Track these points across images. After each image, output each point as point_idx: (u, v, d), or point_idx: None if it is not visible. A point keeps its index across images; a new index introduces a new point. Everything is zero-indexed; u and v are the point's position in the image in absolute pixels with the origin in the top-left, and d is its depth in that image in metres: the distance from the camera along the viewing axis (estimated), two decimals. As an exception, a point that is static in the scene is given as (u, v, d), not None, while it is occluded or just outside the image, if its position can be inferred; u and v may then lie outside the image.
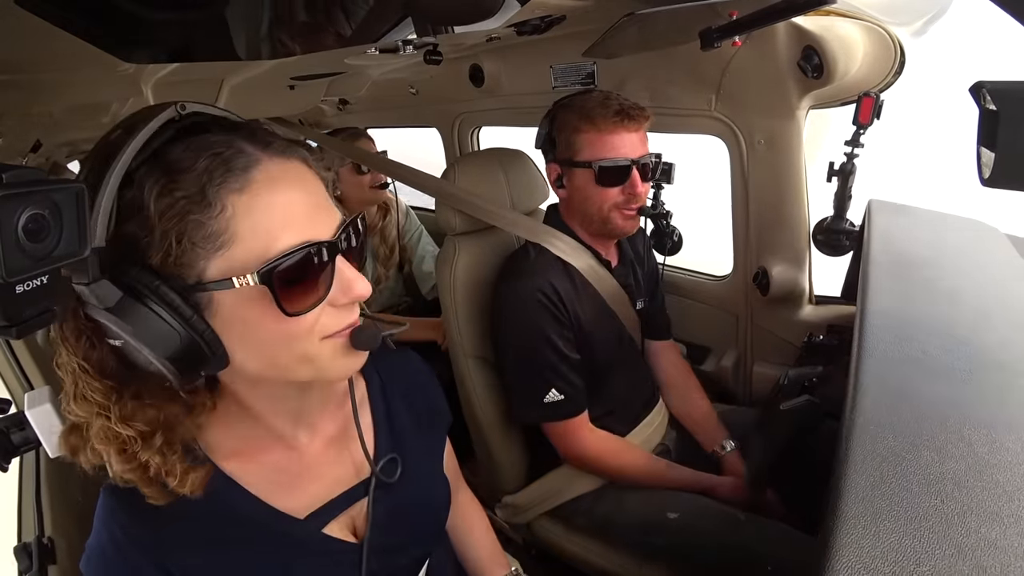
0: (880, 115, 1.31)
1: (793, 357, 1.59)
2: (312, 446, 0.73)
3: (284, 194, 0.55)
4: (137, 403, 0.57)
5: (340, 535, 0.73)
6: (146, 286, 0.51)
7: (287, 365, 0.59)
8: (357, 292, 0.58)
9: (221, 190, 0.52)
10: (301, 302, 0.55)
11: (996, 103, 0.57)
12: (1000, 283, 1.08)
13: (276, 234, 0.53)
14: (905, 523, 0.49)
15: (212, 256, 0.52)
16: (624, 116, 1.25)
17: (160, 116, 0.53)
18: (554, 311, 1.28)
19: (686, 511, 1.29)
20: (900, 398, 0.67)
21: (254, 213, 0.53)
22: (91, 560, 0.63)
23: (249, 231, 0.53)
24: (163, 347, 0.52)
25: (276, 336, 0.56)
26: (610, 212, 1.31)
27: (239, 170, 0.53)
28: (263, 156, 0.55)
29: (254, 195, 0.53)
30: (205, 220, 0.51)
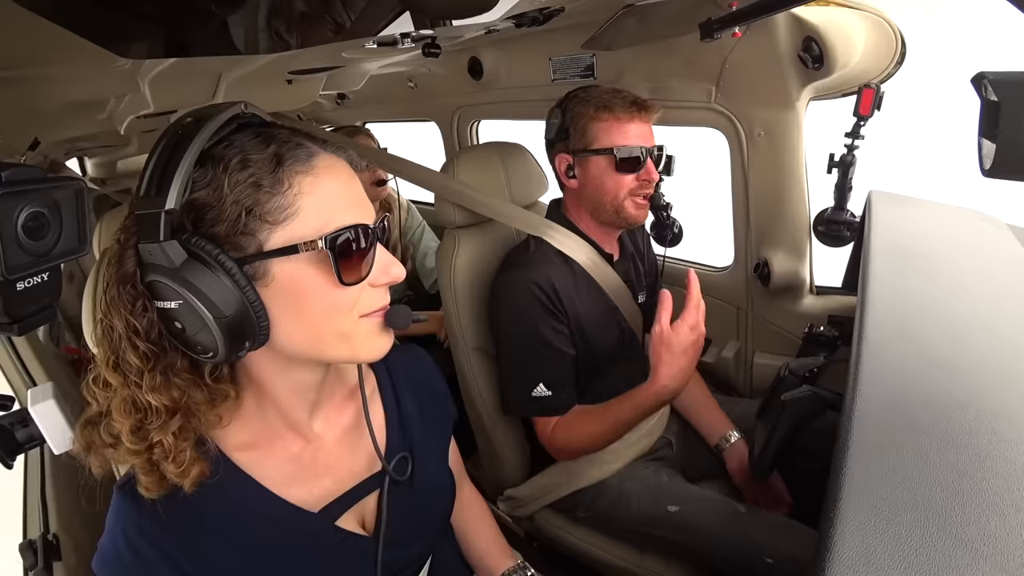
0: (881, 106, 1.31)
1: (794, 348, 1.60)
2: (327, 437, 0.74)
3: (340, 181, 0.62)
4: (165, 378, 0.60)
5: (351, 527, 0.74)
6: (207, 252, 0.56)
7: (327, 340, 0.63)
8: (394, 274, 0.65)
9: (289, 170, 0.58)
10: (352, 274, 0.60)
11: (997, 93, 0.57)
12: (1002, 273, 1.08)
13: (335, 212, 0.60)
14: (905, 514, 0.49)
15: (277, 227, 0.58)
16: (638, 107, 1.30)
17: (231, 109, 0.60)
18: (548, 305, 1.28)
19: (687, 504, 1.30)
20: (901, 389, 0.67)
21: (316, 192, 0.59)
22: (104, 559, 0.64)
23: (313, 207, 0.59)
24: (219, 311, 0.55)
25: (323, 308, 0.61)
26: (624, 200, 1.33)
27: (304, 156, 0.60)
28: (321, 150, 0.62)
29: (317, 177, 0.60)
30: (275, 194, 0.57)
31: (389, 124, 3.16)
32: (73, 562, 1.28)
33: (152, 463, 0.61)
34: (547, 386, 1.29)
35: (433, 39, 1.48)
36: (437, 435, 0.88)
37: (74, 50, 0.85)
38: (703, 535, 1.24)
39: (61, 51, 0.87)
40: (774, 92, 1.39)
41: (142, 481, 0.62)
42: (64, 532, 1.33)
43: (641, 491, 1.36)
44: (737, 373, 1.81)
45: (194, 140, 0.56)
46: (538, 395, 1.29)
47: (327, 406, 0.75)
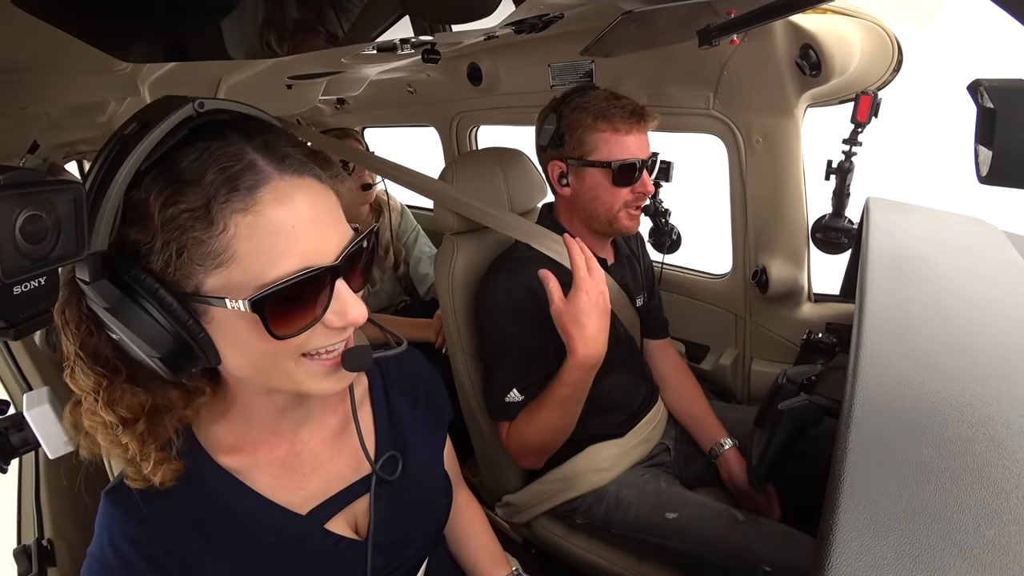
0: (878, 113, 1.31)
1: (792, 355, 1.60)
2: (313, 441, 0.73)
3: (289, 215, 0.53)
4: (128, 387, 0.59)
5: (342, 531, 0.73)
6: (145, 289, 0.52)
7: (273, 377, 0.60)
8: (351, 317, 0.58)
9: (225, 209, 0.51)
10: (292, 325, 0.55)
11: (994, 101, 0.57)
12: (998, 280, 1.08)
13: (275, 259, 0.53)
14: (904, 521, 0.49)
15: (211, 272, 0.53)
16: (638, 117, 1.28)
17: (175, 115, 0.52)
18: (528, 310, 1.28)
19: (685, 511, 1.29)
20: (898, 396, 0.67)
21: (256, 236, 0.52)
22: (92, 567, 0.63)
23: (249, 253, 0.52)
24: (156, 346, 0.53)
25: (263, 352, 0.57)
26: (618, 212, 1.32)
27: (245, 189, 0.52)
28: (274, 173, 0.54)
29: (258, 215, 0.52)
30: (206, 238, 0.51)
31: (388, 129, 3.17)
32: (68, 568, 1.27)
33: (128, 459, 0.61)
34: (520, 391, 1.29)
35: (432, 45, 1.48)
36: (431, 437, 0.88)
37: (74, 54, 0.85)
38: (701, 542, 1.24)
39: (61, 55, 0.87)
40: (772, 99, 1.40)
41: (127, 472, 0.62)
42: (59, 537, 1.32)
43: (639, 498, 1.36)
44: (735, 380, 1.81)
45: (126, 162, 0.50)
46: (511, 400, 1.29)
47: (314, 411, 0.74)
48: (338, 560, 0.72)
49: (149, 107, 0.53)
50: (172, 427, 0.62)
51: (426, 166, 1.61)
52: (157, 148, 0.51)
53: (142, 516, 0.63)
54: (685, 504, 1.32)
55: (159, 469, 0.60)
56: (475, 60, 2.01)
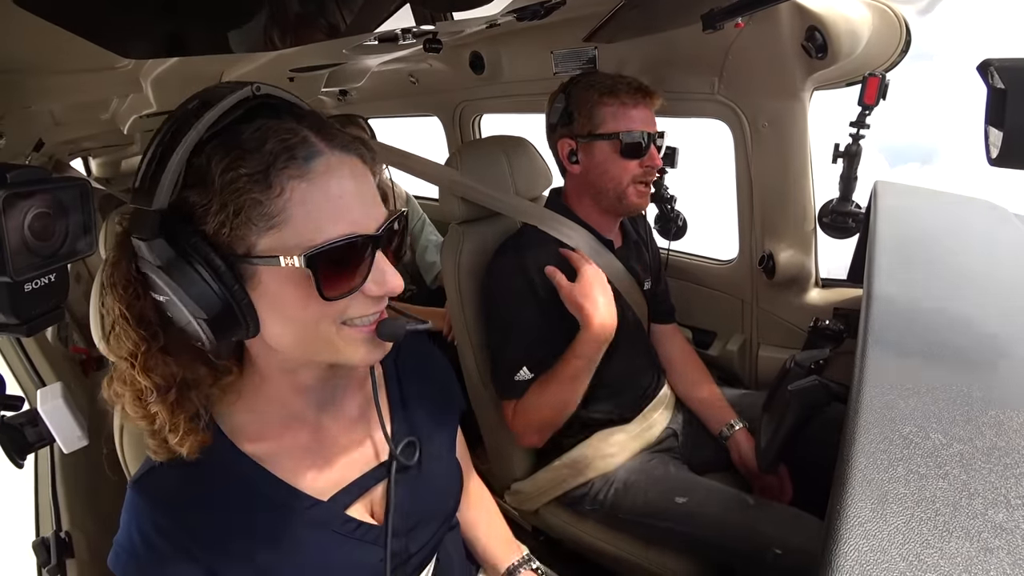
0: (886, 95, 1.30)
1: (799, 341, 1.59)
2: (335, 427, 0.75)
3: (338, 186, 0.58)
4: (163, 356, 0.61)
5: (361, 517, 0.75)
6: (197, 251, 0.55)
7: (313, 345, 0.62)
8: (390, 286, 0.62)
9: (282, 174, 0.55)
10: (337, 288, 0.58)
11: (1004, 81, 0.56)
12: (1008, 263, 1.07)
13: (325, 223, 0.57)
14: (912, 506, 0.49)
15: (264, 233, 0.56)
16: (643, 92, 1.31)
17: (237, 94, 0.56)
18: (536, 290, 1.29)
19: (694, 496, 1.30)
20: (907, 381, 0.67)
21: (309, 200, 0.56)
22: (119, 556, 0.65)
23: (302, 216, 0.56)
24: (203, 308, 0.55)
25: (307, 316, 0.59)
26: (627, 187, 1.33)
27: (301, 159, 0.56)
28: (325, 148, 0.58)
29: (311, 183, 0.56)
30: (264, 199, 0.55)
31: (392, 119, 3.16)
32: (86, 559, 1.29)
33: (154, 430, 0.63)
34: (530, 368, 1.30)
35: (434, 34, 1.47)
36: (444, 424, 0.89)
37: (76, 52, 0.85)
38: (711, 527, 1.24)
39: (63, 53, 0.87)
40: (778, 82, 1.38)
41: (149, 444, 0.64)
42: (76, 530, 1.34)
43: (648, 483, 1.37)
44: (742, 366, 1.81)
45: (190, 131, 0.53)
46: (520, 378, 1.30)
47: (337, 396, 0.75)
48: (359, 545, 0.73)
49: (208, 89, 0.57)
50: (200, 402, 0.64)
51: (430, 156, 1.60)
52: (217, 123, 0.55)
53: (168, 505, 0.64)
54: (694, 488, 1.32)
55: (187, 440, 0.62)
56: (477, 48, 2.00)
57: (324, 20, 0.88)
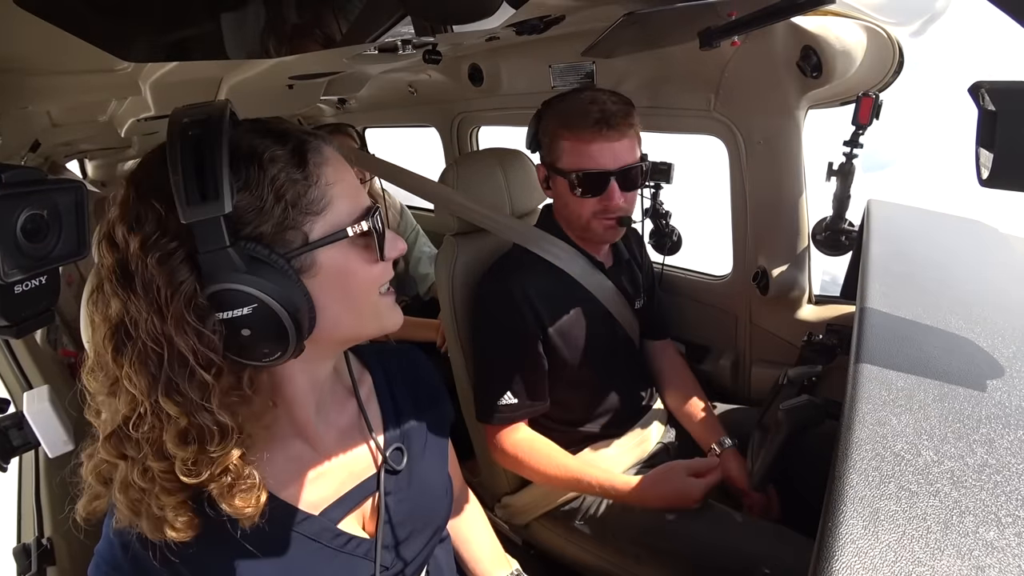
0: (879, 115, 1.31)
1: (793, 357, 1.60)
2: (326, 439, 0.74)
3: (343, 167, 0.65)
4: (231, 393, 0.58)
5: (352, 530, 0.74)
6: (260, 253, 0.55)
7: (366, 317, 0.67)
8: (400, 247, 0.69)
9: (313, 162, 0.61)
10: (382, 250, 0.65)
11: (995, 103, 0.57)
12: (998, 282, 1.08)
13: (358, 195, 0.65)
14: (904, 523, 0.49)
15: (317, 218, 0.60)
16: (604, 125, 1.21)
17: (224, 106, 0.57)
18: (526, 313, 1.28)
19: (684, 513, 1.29)
20: (898, 397, 0.67)
21: (339, 181, 0.63)
22: (100, 566, 0.64)
23: (340, 194, 0.62)
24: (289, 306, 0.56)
25: (364, 285, 0.65)
26: (589, 221, 1.30)
27: (316, 148, 0.62)
28: (320, 141, 0.64)
29: (333, 166, 0.63)
30: (307, 188, 0.60)
31: (389, 129, 3.17)
32: (67, 566, 1.27)
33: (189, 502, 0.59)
34: (514, 394, 1.30)
35: (434, 45, 1.48)
36: (435, 435, 0.88)
37: (75, 53, 0.85)
38: (701, 544, 1.24)
39: (62, 54, 0.87)
40: (773, 100, 1.40)
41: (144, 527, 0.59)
42: (58, 536, 1.32)
43: (639, 499, 1.36)
44: (736, 381, 1.81)
45: (220, 139, 0.52)
46: (505, 403, 1.30)
47: (329, 404, 0.75)
48: (349, 559, 0.72)
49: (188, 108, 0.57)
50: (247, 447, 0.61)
51: (426, 167, 1.61)
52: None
53: None
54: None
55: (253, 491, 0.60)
56: (476, 61, 2.01)
57: (319, 31, 0.89)
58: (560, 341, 1.33)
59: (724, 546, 1.21)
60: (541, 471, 1.32)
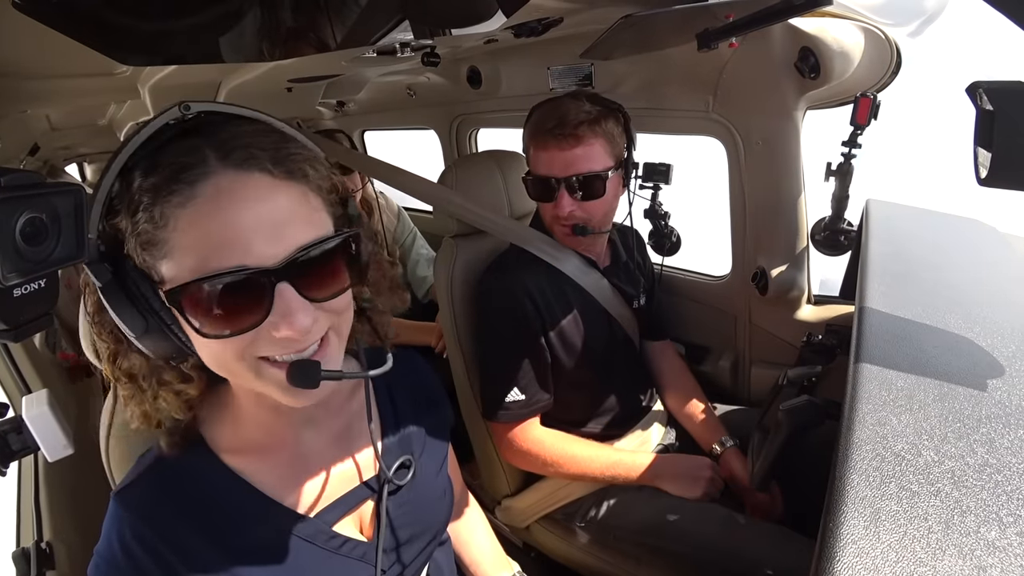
0: (877, 116, 1.32)
1: (792, 357, 1.60)
2: (318, 444, 0.74)
3: (228, 211, 0.52)
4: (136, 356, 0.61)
5: (349, 532, 0.73)
6: (126, 274, 0.55)
7: (237, 377, 0.60)
8: (298, 325, 0.55)
9: (166, 204, 0.52)
10: (221, 325, 0.54)
11: (992, 103, 0.57)
12: (997, 281, 1.08)
13: (208, 254, 0.52)
14: (905, 523, 0.49)
15: (160, 262, 0.54)
16: (556, 133, 1.21)
17: (160, 117, 0.55)
18: (523, 310, 1.29)
19: (685, 513, 1.29)
20: (899, 397, 0.67)
21: (192, 230, 0.52)
22: (99, 566, 0.63)
23: (186, 247, 0.52)
24: (131, 329, 0.56)
25: (212, 349, 0.57)
26: (552, 225, 1.34)
27: (186, 183, 0.52)
28: (219, 168, 0.53)
29: (195, 210, 0.52)
30: (152, 229, 0.53)
31: (388, 132, 3.17)
32: (66, 570, 1.27)
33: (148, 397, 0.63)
34: (521, 390, 1.30)
35: (432, 48, 1.48)
36: (435, 440, 0.88)
37: (75, 57, 0.85)
38: (702, 545, 1.23)
39: (62, 58, 0.87)
40: (771, 101, 1.40)
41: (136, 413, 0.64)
42: (58, 540, 1.32)
43: (640, 500, 1.36)
44: (735, 382, 1.81)
45: (117, 157, 0.54)
46: (512, 399, 1.30)
47: (317, 413, 0.74)
48: (345, 561, 0.72)
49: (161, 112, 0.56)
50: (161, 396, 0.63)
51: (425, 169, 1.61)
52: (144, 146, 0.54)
53: (150, 516, 0.63)
54: (685, 506, 1.32)
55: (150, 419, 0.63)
56: (475, 63, 2.02)
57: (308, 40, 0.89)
58: (558, 340, 1.33)
59: (725, 547, 1.21)
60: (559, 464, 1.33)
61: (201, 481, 0.65)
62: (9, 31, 0.69)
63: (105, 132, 2.14)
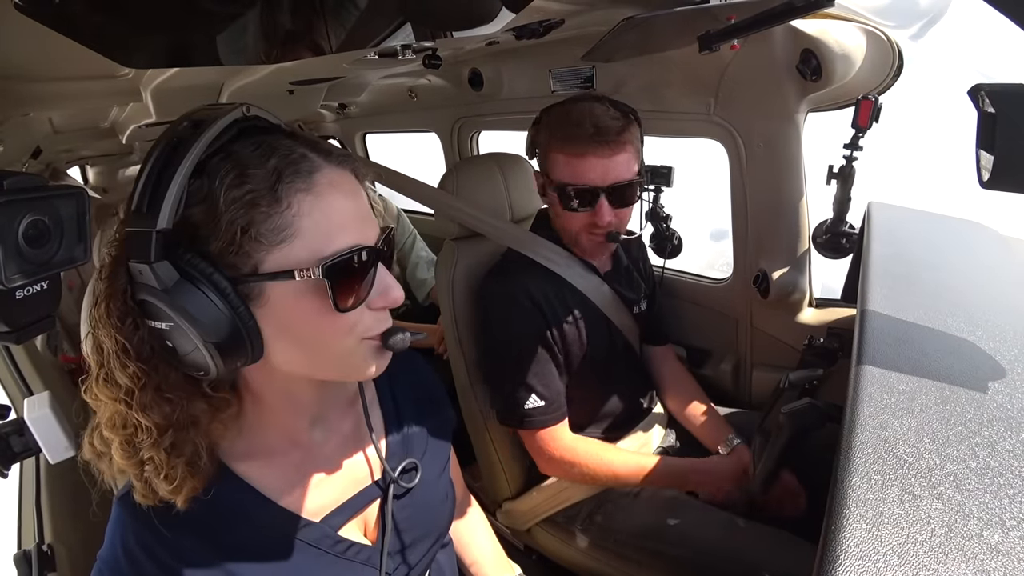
0: (879, 118, 1.32)
1: (794, 360, 1.59)
2: (327, 446, 0.74)
3: (341, 199, 0.59)
4: (157, 395, 0.58)
5: (353, 536, 0.73)
6: (201, 272, 0.54)
7: (323, 362, 0.63)
8: (393, 296, 0.62)
9: (289, 188, 0.55)
10: (349, 299, 0.58)
11: (994, 106, 0.57)
12: (999, 285, 1.08)
13: (333, 234, 0.57)
14: (908, 527, 0.49)
15: (272, 249, 0.55)
16: (596, 141, 1.19)
17: (231, 114, 0.57)
18: (531, 315, 1.28)
19: (686, 517, 1.29)
20: (900, 400, 0.67)
21: (316, 212, 0.56)
22: (103, 572, 0.63)
23: (311, 228, 0.56)
24: (210, 332, 0.54)
25: (320, 332, 0.59)
26: (578, 234, 1.31)
27: (305, 172, 0.57)
28: (325, 163, 0.59)
29: (317, 196, 0.57)
30: (272, 214, 0.55)
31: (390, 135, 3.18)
32: (68, 573, 1.27)
33: (144, 476, 0.60)
34: (539, 396, 1.29)
35: (434, 50, 1.49)
36: (437, 443, 0.88)
37: (77, 59, 0.85)
38: (702, 549, 1.23)
39: (64, 60, 0.87)
40: (773, 104, 1.40)
41: (137, 488, 0.61)
42: (59, 543, 1.32)
43: (640, 504, 1.36)
44: (737, 385, 1.81)
45: (189, 151, 0.53)
46: (531, 406, 1.29)
47: (329, 413, 0.74)
48: (350, 565, 0.72)
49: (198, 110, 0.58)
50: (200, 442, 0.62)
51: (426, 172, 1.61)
52: (213, 143, 0.55)
53: (155, 522, 0.63)
54: (686, 510, 1.31)
55: (183, 486, 0.60)
56: (476, 65, 2.02)
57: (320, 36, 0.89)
58: (560, 344, 1.33)
59: (725, 551, 1.21)
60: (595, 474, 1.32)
61: (207, 487, 0.65)
62: (11, 33, 0.69)
63: (107, 135, 2.15)
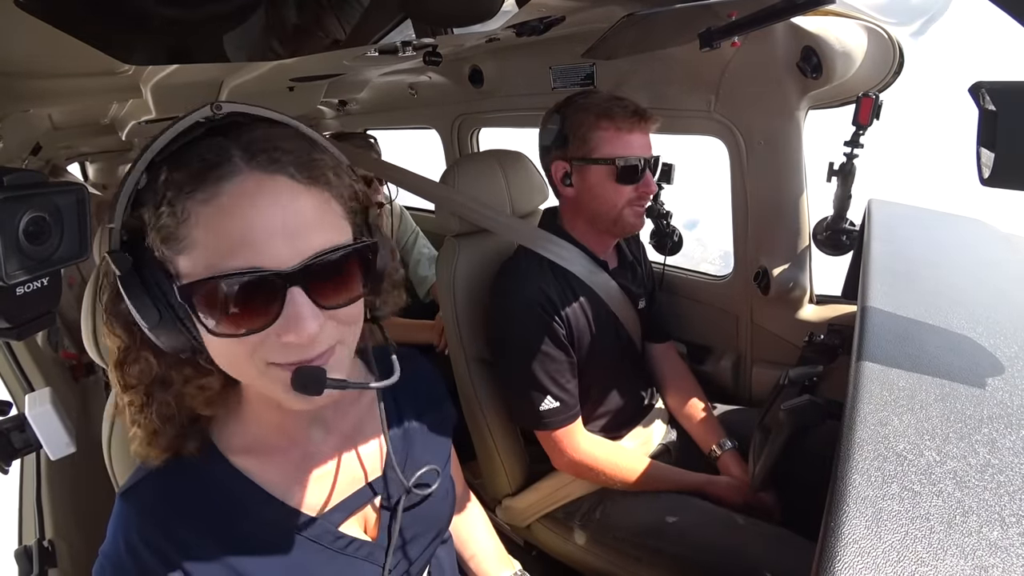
0: (879, 115, 1.31)
1: (794, 357, 1.59)
2: (326, 445, 0.74)
3: (249, 212, 0.53)
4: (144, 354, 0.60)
5: (354, 532, 0.74)
6: (145, 265, 0.55)
7: (243, 377, 0.61)
8: (301, 330, 0.54)
9: (190, 199, 0.52)
10: (232, 325, 0.54)
11: (995, 103, 0.57)
12: (999, 281, 1.08)
13: (224, 252, 0.52)
14: (907, 523, 0.49)
15: (178, 256, 0.54)
16: (641, 116, 1.30)
17: (192, 115, 0.55)
18: (546, 317, 1.28)
19: (685, 515, 1.29)
20: (900, 397, 0.67)
21: (213, 227, 0.52)
22: (105, 567, 0.64)
23: (205, 243, 0.52)
24: (145, 320, 0.55)
25: (219, 349, 0.57)
26: (623, 209, 1.32)
27: (211, 181, 0.52)
28: (244, 168, 0.53)
29: (218, 208, 0.52)
30: (173, 223, 0.53)
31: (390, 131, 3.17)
32: (69, 568, 1.27)
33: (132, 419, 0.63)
34: (555, 398, 1.29)
35: (434, 47, 1.48)
36: (438, 440, 0.88)
37: (77, 56, 0.85)
38: (701, 546, 1.23)
39: (63, 56, 0.87)
40: (773, 101, 1.40)
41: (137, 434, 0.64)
42: (60, 538, 1.32)
43: (639, 501, 1.36)
44: (737, 382, 1.81)
45: (145, 153, 0.54)
46: (547, 408, 1.29)
47: (326, 412, 0.74)
48: (351, 561, 0.72)
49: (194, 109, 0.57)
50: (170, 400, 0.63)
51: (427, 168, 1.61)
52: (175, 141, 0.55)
53: (156, 516, 0.63)
54: (685, 508, 1.32)
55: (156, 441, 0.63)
56: (476, 62, 2.02)
57: (322, 32, 0.89)
58: (574, 345, 1.33)
59: (724, 549, 1.21)
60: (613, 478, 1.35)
61: (208, 482, 0.66)
62: (11, 30, 0.69)
63: (107, 131, 2.15)
